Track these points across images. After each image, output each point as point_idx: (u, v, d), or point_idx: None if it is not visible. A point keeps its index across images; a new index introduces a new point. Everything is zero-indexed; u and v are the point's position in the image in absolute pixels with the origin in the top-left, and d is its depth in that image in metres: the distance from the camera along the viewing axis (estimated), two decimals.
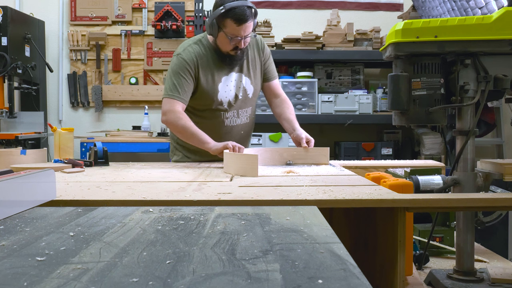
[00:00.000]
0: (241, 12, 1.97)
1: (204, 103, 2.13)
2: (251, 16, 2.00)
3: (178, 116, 2.02)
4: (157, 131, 4.06)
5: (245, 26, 1.99)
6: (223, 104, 2.15)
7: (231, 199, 1.07)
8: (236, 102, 2.17)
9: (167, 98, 2.05)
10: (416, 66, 1.29)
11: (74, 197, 1.08)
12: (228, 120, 2.18)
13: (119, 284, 0.50)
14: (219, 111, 2.15)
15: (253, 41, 2.21)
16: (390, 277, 1.11)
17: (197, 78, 2.08)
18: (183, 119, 2.02)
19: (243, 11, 1.97)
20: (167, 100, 2.05)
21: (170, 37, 4.36)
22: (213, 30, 2.04)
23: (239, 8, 1.97)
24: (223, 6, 1.97)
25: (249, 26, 2.01)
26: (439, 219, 1.55)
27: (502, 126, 3.82)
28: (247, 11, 1.97)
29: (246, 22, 1.98)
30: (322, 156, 2.02)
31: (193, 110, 2.15)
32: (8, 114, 3.47)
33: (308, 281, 0.50)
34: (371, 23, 4.00)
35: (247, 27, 2.01)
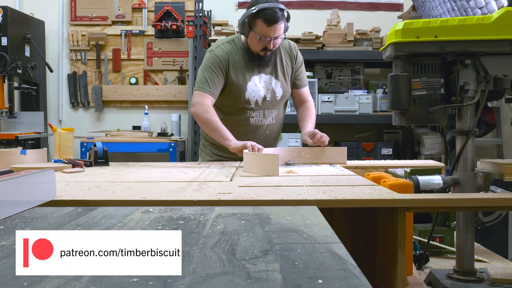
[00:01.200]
0: (272, 13, 2.02)
1: (231, 100, 2.19)
2: (282, 18, 2.06)
3: (205, 109, 2.08)
4: (157, 131, 4.06)
5: (274, 27, 2.05)
6: (250, 103, 2.20)
7: (231, 199, 1.07)
8: (263, 103, 2.22)
9: (198, 90, 2.13)
10: (416, 66, 1.29)
11: (74, 197, 1.08)
12: (253, 119, 2.23)
13: (119, 284, 0.50)
14: (246, 110, 2.21)
15: (286, 46, 2.27)
16: (390, 277, 1.11)
17: (227, 75, 2.15)
18: (209, 113, 2.08)
19: (274, 12, 2.02)
20: (198, 93, 2.13)
21: (170, 37, 4.37)
22: (244, 29, 2.11)
23: (270, 9, 2.03)
24: (256, 7, 2.05)
25: (279, 27, 2.06)
26: (439, 219, 1.55)
27: (502, 126, 3.82)
28: (278, 13, 2.03)
29: (276, 24, 2.04)
30: (340, 155, 2.02)
31: (220, 107, 2.22)
32: (8, 114, 3.47)
33: (308, 281, 0.50)
34: (371, 23, 4.00)
35: (277, 29, 2.06)
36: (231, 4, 4.40)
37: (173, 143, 3.64)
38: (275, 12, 2.03)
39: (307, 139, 2.13)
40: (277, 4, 2.06)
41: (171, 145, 3.63)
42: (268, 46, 2.10)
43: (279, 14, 2.04)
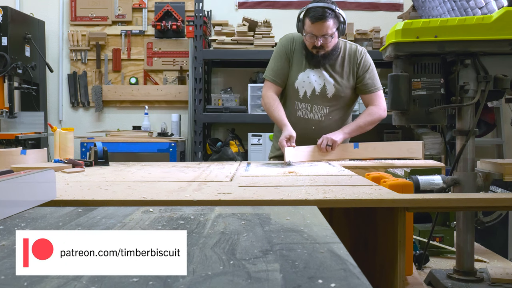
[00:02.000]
0: (317, 11, 2.13)
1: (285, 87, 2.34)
2: (328, 16, 2.13)
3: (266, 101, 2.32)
4: (157, 131, 4.06)
5: (319, 24, 2.14)
6: (299, 93, 2.29)
7: (231, 199, 1.07)
8: (311, 96, 2.28)
9: (265, 79, 2.37)
10: (416, 66, 1.29)
11: (74, 197, 1.08)
12: (300, 112, 2.31)
13: (119, 284, 0.50)
14: (294, 100, 2.32)
15: (353, 50, 2.32)
16: (390, 277, 1.11)
17: (291, 61, 2.32)
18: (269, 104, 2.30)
19: (320, 10, 2.13)
20: (264, 82, 2.38)
21: (170, 37, 4.37)
22: (299, 29, 2.24)
23: (317, 8, 2.14)
24: (306, 6, 2.19)
25: (325, 26, 2.14)
26: (439, 219, 1.55)
27: (502, 126, 3.82)
28: (324, 11, 2.12)
29: (320, 21, 2.13)
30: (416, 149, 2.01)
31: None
32: (8, 114, 3.47)
33: (308, 281, 0.50)
34: (371, 23, 4.00)
35: (323, 27, 2.14)
36: (231, 4, 4.40)
37: (173, 143, 3.65)
38: (320, 10, 2.12)
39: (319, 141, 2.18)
40: (325, 4, 2.14)
41: (171, 145, 3.64)
42: (316, 44, 2.18)
43: (324, 12, 2.12)
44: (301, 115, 2.30)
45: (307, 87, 2.28)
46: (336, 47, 2.28)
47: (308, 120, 2.29)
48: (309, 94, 2.27)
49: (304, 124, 2.29)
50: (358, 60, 2.31)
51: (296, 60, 2.31)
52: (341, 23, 2.21)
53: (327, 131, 2.27)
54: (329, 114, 2.30)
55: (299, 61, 2.30)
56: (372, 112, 2.31)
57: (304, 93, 2.28)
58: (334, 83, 2.28)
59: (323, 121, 2.29)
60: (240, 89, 4.09)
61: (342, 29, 2.22)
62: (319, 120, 2.29)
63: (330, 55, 2.25)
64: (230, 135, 3.92)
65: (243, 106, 3.85)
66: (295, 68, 2.30)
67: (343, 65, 2.30)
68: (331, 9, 2.14)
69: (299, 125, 2.26)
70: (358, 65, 2.30)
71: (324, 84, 2.27)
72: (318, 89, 2.27)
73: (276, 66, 2.32)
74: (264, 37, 3.82)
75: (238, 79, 4.25)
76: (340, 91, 2.28)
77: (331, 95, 2.28)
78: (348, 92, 2.31)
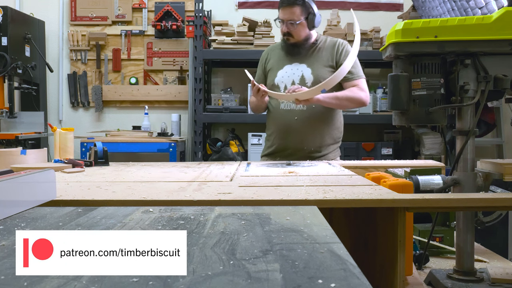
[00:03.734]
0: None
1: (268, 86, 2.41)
2: (297, 3, 2.26)
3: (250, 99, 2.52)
4: (157, 131, 4.06)
5: (286, 9, 2.27)
6: (280, 88, 2.37)
7: (231, 199, 1.07)
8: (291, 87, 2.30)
9: None
10: (416, 66, 1.29)
11: (74, 197, 1.08)
12: (283, 104, 2.37)
13: (119, 284, 0.50)
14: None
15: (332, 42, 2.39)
16: (390, 277, 1.11)
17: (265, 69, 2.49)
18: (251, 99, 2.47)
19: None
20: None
21: (170, 37, 4.37)
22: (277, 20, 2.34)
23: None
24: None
25: (291, 11, 2.27)
26: (439, 219, 1.55)
27: (502, 126, 3.82)
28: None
29: (287, 6, 2.26)
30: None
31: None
32: (8, 114, 3.47)
33: (308, 281, 0.50)
34: (371, 23, 4.00)
35: (289, 12, 2.27)
36: (231, 4, 4.40)
37: (173, 143, 3.65)
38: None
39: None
40: None
41: (171, 145, 3.64)
42: (283, 30, 2.29)
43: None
44: (284, 107, 2.36)
45: (287, 81, 2.36)
46: (309, 38, 2.36)
47: (291, 111, 2.34)
48: (289, 86, 2.31)
49: (287, 116, 2.34)
50: (340, 49, 2.35)
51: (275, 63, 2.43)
52: (311, 14, 2.29)
53: (310, 120, 2.32)
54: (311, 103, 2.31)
55: (277, 62, 2.42)
56: (354, 90, 2.31)
57: (285, 87, 2.34)
58: (312, 71, 2.33)
59: (305, 111, 2.32)
60: (240, 89, 4.08)
61: (311, 20, 2.30)
62: (301, 110, 2.32)
63: (303, 45, 2.34)
64: (230, 135, 3.92)
65: (243, 106, 3.85)
66: (275, 68, 2.42)
67: (321, 54, 2.35)
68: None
69: (283, 117, 2.35)
70: (340, 53, 2.34)
71: (302, 74, 2.34)
72: (297, 80, 2.34)
73: (258, 74, 2.53)
74: (264, 37, 3.83)
75: (238, 79, 4.25)
76: (319, 77, 2.29)
77: (311, 83, 2.31)
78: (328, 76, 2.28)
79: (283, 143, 2.37)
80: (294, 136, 2.33)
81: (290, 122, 2.33)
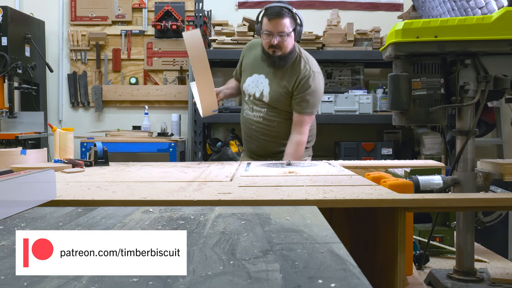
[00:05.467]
0: (274, 9, 2.23)
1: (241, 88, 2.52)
2: (286, 14, 2.22)
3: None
4: (157, 131, 4.06)
5: (276, 21, 2.22)
6: (245, 95, 2.47)
7: (231, 199, 1.07)
8: (253, 99, 2.42)
9: None
10: (416, 66, 1.29)
11: (74, 197, 1.08)
12: (245, 112, 2.47)
13: (119, 284, 0.50)
14: (243, 100, 2.51)
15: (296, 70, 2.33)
16: (390, 277, 1.11)
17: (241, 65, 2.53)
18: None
19: (277, 8, 2.23)
20: None
21: (170, 37, 4.37)
22: (257, 30, 2.33)
23: (274, 6, 2.25)
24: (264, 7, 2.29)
25: (281, 23, 2.22)
26: (439, 219, 1.55)
27: (502, 126, 3.82)
28: (281, 9, 2.22)
29: (277, 18, 2.22)
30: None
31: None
32: (8, 114, 3.47)
33: (308, 281, 0.50)
34: (371, 23, 4.00)
35: (279, 24, 2.22)
36: (231, 4, 4.40)
37: (173, 143, 3.64)
38: (278, 8, 2.21)
39: None
40: (282, 4, 2.22)
41: (171, 145, 3.64)
42: (272, 42, 2.24)
43: (282, 10, 2.20)
44: (245, 115, 2.47)
45: (250, 90, 2.43)
46: (293, 50, 2.32)
47: (250, 119, 2.44)
48: (251, 97, 2.42)
49: (248, 123, 2.46)
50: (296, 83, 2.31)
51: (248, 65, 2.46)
52: (298, 25, 2.27)
53: (267, 131, 2.39)
54: (267, 116, 2.39)
55: (250, 66, 2.45)
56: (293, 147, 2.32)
57: (248, 95, 2.44)
58: (270, 90, 2.36)
59: (262, 122, 2.40)
60: None
61: (298, 31, 2.28)
62: (258, 120, 2.41)
63: (286, 58, 2.30)
64: (230, 135, 3.92)
65: None
66: (246, 73, 2.46)
67: (286, 75, 2.34)
68: (288, 9, 2.23)
69: (245, 123, 2.48)
70: (295, 87, 2.32)
71: (263, 91, 2.38)
72: (258, 93, 2.39)
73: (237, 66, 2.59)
74: None
75: None
76: (273, 100, 2.35)
77: (267, 100, 2.37)
78: (283, 102, 2.35)
79: (250, 147, 2.49)
80: (255, 142, 2.44)
81: (249, 130, 2.46)
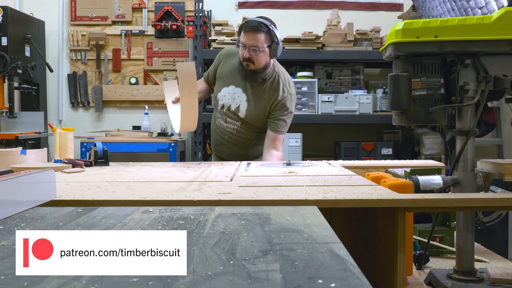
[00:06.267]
0: (252, 22, 2.22)
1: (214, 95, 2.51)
2: (261, 30, 2.20)
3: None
4: (157, 131, 4.06)
5: (250, 34, 2.21)
6: (218, 104, 2.44)
7: (231, 199, 1.07)
8: (227, 111, 2.40)
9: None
10: (416, 66, 1.29)
11: (74, 197, 1.08)
12: (218, 120, 2.46)
13: (119, 284, 0.50)
14: (216, 109, 2.49)
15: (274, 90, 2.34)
16: (390, 277, 1.11)
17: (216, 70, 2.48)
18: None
19: (254, 22, 2.22)
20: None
21: (170, 37, 4.37)
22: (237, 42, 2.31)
23: (253, 20, 2.24)
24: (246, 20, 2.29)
25: (255, 37, 2.21)
26: (439, 219, 1.55)
27: (502, 126, 3.82)
28: (259, 24, 2.21)
29: (252, 31, 2.20)
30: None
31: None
32: (8, 114, 3.47)
33: (308, 281, 0.50)
34: (371, 23, 4.00)
35: (253, 37, 2.21)
36: (231, 4, 4.41)
37: (173, 143, 3.64)
38: (255, 22, 2.21)
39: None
40: (261, 19, 2.22)
41: (171, 145, 3.63)
42: (244, 55, 2.23)
43: (259, 25, 2.20)
44: (218, 123, 2.46)
45: (226, 102, 2.40)
46: (267, 66, 2.30)
47: (223, 129, 2.44)
48: (226, 108, 2.41)
49: (220, 132, 2.46)
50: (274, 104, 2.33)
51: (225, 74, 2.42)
52: (274, 42, 2.25)
53: (239, 143, 2.40)
54: (241, 129, 2.40)
55: (228, 75, 2.41)
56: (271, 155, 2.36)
57: (222, 106, 2.42)
58: (247, 107, 2.36)
59: (235, 133, 2.41)
60: None
61: (274, 48, 2.26)
62: (231, 132, 2.42)
63: (259, 73, 2.29)
64: None
65: None
66: (222, 82, 2.42)
67: (264, 95, 2.34)
68: (266, 25, 2.22)
69: (217, 131, 2.48)
70: (273, 107, 2.34)
71: (239, 106, 2.37)
72: (233, 107, 2.39)
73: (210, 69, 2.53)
74: None
75: None
76: (250, 118, 2.37)
77: (243, 116, 2.38)
78: (259, 120, 2.37)
79: (220, 154, 2.49)
80: (226, 150, 2.45)
81: (221, 139, 2.45)
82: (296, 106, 3.67)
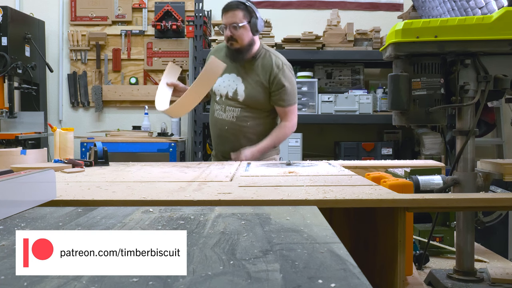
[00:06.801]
0: (228, 3, 2.30)
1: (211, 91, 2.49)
2: (238, 7, 2.29)
3: None
4: (157, 131, 4.06)
5: (228, 13, 2.30)
6: (216, 96, 2.45)
7: (231, 199, 1.07)
8: (225, 99, 2.40)
9: None
10: (416, 66, 1.29)
11: (74, 197, 1.08)
12: (216, 112, 2.45)
13: (119, 284, 0.50)
14: (213, 102, 2.49)
15: (268, 65, 2.37)
16: (390, 277, 1.11)
17: None
18: None
19: (231, 2, 2.30)
20: None
21: (170, 37, 4.37)
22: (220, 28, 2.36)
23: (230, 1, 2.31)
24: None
25: (233, 14, 2.29)
26: (439, 219, 1.55)
27: (502, 126, 3.82)
28: (235, 2, 2.29)
29: (229, 10, 2.29)
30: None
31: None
32: (8, 114, 3.47)
33: (308, 281, 0.50)
34: (371, 23, 4.00)
35: (231, 15, 2.29)
36: None
37: (173, 143, 3.64)
38: (232, 2, 2.30)
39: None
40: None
41: (171, 145, 3.64)
42: (226, 34, 2.31)
43: (235, 3, 2.29)
44: (217, 115, 2.45)
45: (222, 91, 2.42)
46: (252, 43, 2.35)
47: (222, 120, 2.42)
48: (223, 96, 2.41)
49: (219, 124, 2.44)
50: (272, 77, 2.35)
51: None
52: (253, 17, 2.32)
53: (240, 132, 2.39)
54: (241, 115, 2.39)
55: None
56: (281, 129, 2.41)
57: (220, 95, 2.43)
58: (245, 88, 2.37)
59: (235, 122, 2.40)
60: None
61: (254, 23, 2.31)
62: (231, 121, 2.40)
63: (245, 51, 2.33)
64: None
65: None
66: None
67: (258, 71, 2.37)
68: (242, 2, 2.30)
69: (216, 124, 2.46)
70: (272, 82, 2.35)
71: (237, 88, 2.38)
72: (231, 93, 2.39)
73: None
74: (264, 37, 3.82)
75: None
76: (251, 96, 2.36)
77: (242, 99, 2.37)
78: (260, 98, 2.37)
79: (221, 148, 2.48)
80: (227, 143, 2.43)
81: (221, 131, 2.43)
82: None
